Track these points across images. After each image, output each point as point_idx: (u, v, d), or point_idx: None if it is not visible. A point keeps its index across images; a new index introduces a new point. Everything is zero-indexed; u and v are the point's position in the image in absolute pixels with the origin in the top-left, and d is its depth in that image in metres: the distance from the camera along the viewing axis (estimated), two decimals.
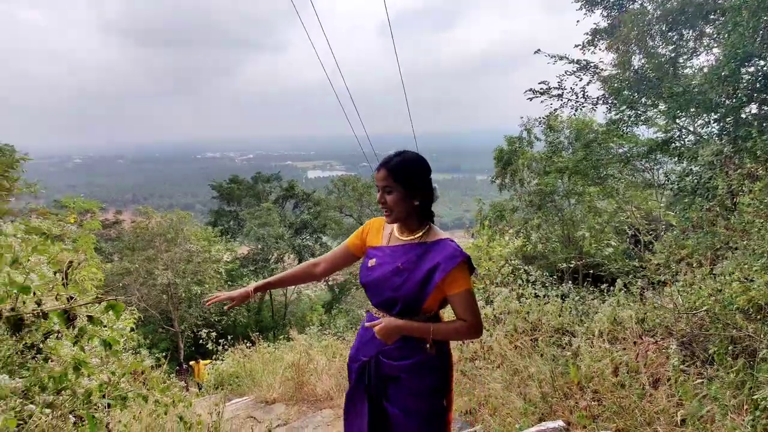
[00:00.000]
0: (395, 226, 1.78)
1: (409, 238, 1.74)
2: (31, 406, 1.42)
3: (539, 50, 8.96)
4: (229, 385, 6.84)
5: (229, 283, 19.25)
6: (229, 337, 7.39)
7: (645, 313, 3.68)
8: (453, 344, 4.35)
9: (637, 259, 8.22)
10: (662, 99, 7.62)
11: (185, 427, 2.65)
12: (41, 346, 1.75)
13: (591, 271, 10.50)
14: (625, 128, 8.48)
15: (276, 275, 2.01)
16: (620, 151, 10.36)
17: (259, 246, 22.32)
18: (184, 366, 13.99)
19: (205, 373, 9.04)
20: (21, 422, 1.41)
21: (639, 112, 8.29)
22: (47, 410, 1.50)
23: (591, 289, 4.90)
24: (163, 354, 4.39)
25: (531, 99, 9.32)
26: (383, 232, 1.82)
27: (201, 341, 7.84)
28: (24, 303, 1.83)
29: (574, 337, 3.65)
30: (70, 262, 2.26)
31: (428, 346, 1.68)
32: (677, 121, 7.74)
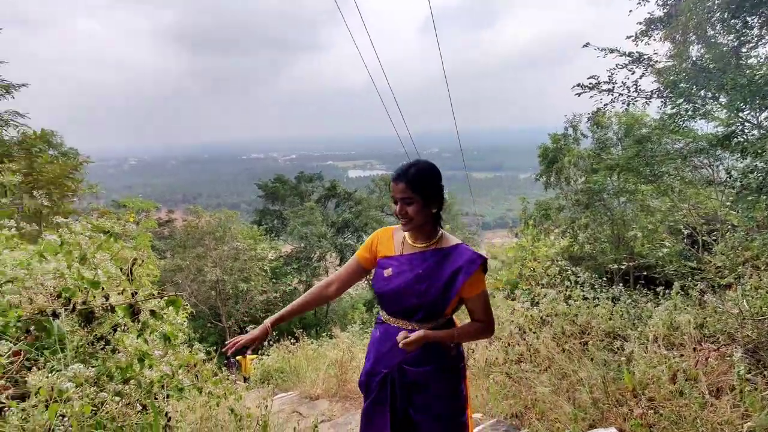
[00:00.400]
0: (407, 234, 1.80)
1: (424, 245, 1.76)
2: (103, 393, 1.54)
3: (588, 44, 8.61)
4: (274, 380, 7.04)
5: (273, 280, 19.80)
6: (274, 333, 7.62)
7: (705, 318, 3.48)
8: (496, 346, 4.29)
9: (694, 261, 7.76)
10: (724, 91, 7.14)
11: (236, 419, 2.75)
12: (109, 337, 1.88)
13: (644, 273, 10.00)
14: (681, 123, 8.01)
15: (288, 306, 1.93)
16: (676, 147, 9.80)
17: (302, 244, 22.80)
18: (232, 360, 14.53)
19: (251, 368, 9.34)
20: (94, 408, 1.53)
21: (697, 105, 7.81)
22: (116, 398, 1.61)
23: (644, 291, 4.68)
24: (213, 348, 4.57)
25: (579, 95, 8.96)
26: (394, 242, 1.83)
27: None
28: (94, 297, 1.97)
29: (627, 341, 3.51)
30: (134, 259, 2.40)
31: (452, 347, 1.74)
32: (740, 114, 7.24)
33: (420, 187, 1.67)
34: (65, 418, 1.42)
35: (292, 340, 7.85)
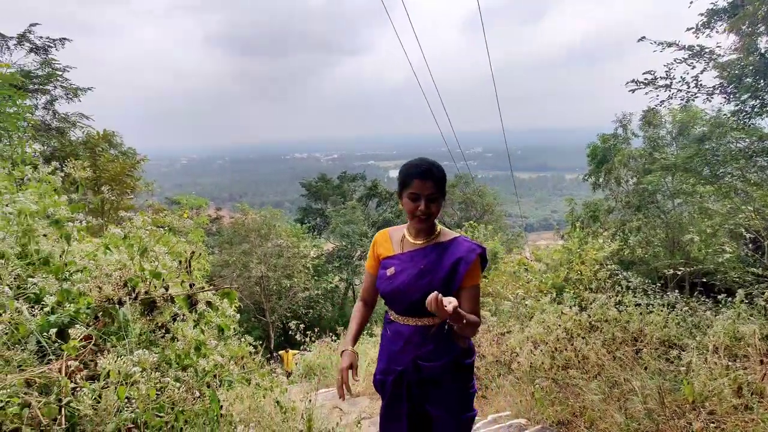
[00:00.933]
0: (405, 232, 1.83)
1: (424, 240, 1.79)
2: (166, 378, 1.63)
3: (644, 38, 8.20)
4: (315, 376, 7.17)
5: (315, 278, 20.16)
6: (315, 329, 7.76)
7: None
8: (541, 351, 4.17)
9: (759, 268, 7.23)
10: None
11: (282, 411, 2.83)
12: (169, 326, 1.99)
13: (702, 280, 9.42)
14: (747, 120, 7.48)
15: (354, 327, 1.95)
16: (740, 145, 9.16)
17: (344, 243, 23.09)
18: (274, 355, 14.93)
19: (293, 363, 9.56)
20: (158, 392, 1.62)
21: (765, 101, 7.28)
22: (177, 384, 1.70)
23: (702, 299, 4.41)
24: (258, 342, 4.71)
25: (633, 91, 8.55)
26: (392, 241, 1.86)
27: (290, 332, 8.30)
28: (155, 288, 2.09)
29: (684, 351, 3.32)
30: (192, 252, 2.52)
31: (464, 340, 1.77)
32: None
33: (442, 186, 1.72)
34: (132, 400, 1.52)
35: (333, 337, 7.97)
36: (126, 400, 1.55)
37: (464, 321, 1.59)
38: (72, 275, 2.36)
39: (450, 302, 1.49)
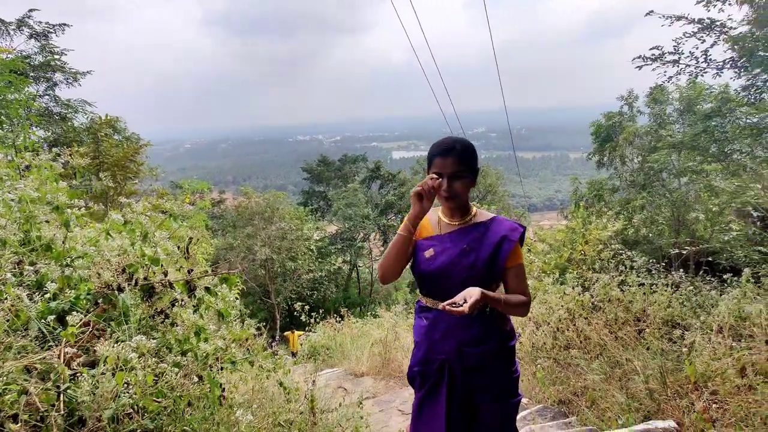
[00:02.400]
0: (440, 213, 1.77)
1: (463, 221, 1.74)
2: (163, 364, 1.63)
3: (651, 11, 7.96)
4: (320, 356, 7.25)
5: (319, 260, 20.28)
6: (320, 311, 7.81)
7: None
8: (543, 331, 4.18)
9: None
10: None
11: (285, 392, 2.86)
12: (168, 312, 1.99)
13: (707, 259, 9.36)
14: (758, 95, 7.30)
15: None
16: (749, 121, 8.96)
17: (347, 225, 23.14)
18: (279, 335, 15.12)
19: (298, 343, 9.67)
20: (156, 378, 1.62)
21: None
22: (175, 369, 1.71)
23: (707, 278, 4.37)
24: (263, 323, 4.75)
25: (640, 68, 8.34)
26: (430, 222, 1.79)
27: (295, 313, 8.34)
28: (154, 273, 2.08)
29: (687, 330, 3.31)
30: (190, 238, 2.51)
31: (506, 322, 1.73)
32: None
33: (468, 162, 1.64)
34: (130, 386, 1.52)
35: (337, 318, 8.03)
36: (125, 385, 1.55)
37: (503, 302, 1.59)
38: (74, 261, 2.36)
39: (467, 297, 1.45)
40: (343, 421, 3.04)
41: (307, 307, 7.12)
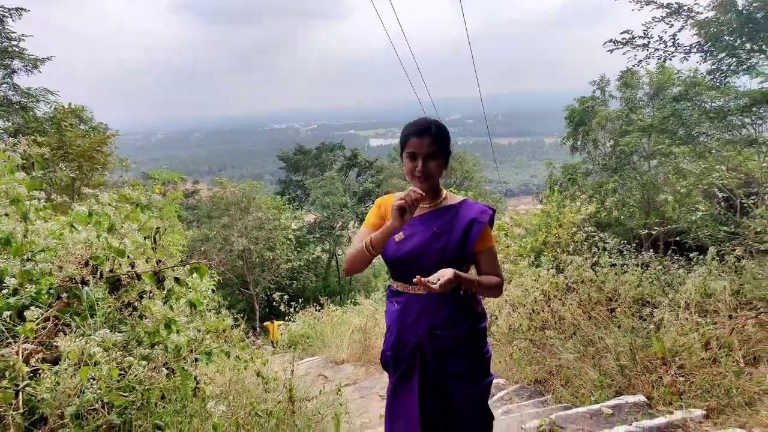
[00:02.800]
0: None
1: (433, 203, 1.74)
2: (130, 358, 1.58)
3: None
4: (300, 345, 7.23)
5: (297, 249, 20.12)
6: (300, 300, 7.76)
7: (742, 285, 3.34)
8: (519, 313, 4.25)
9: (731, 226, 7.44)
10: None
11: (263, 382, 2.83)
12: (136, 304, 1.92)
13: (676, 239, 9.68)
14: (723, 78, 7.50)
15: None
16: (714, 105, 9.23)
17: (325, 214, 23.00)
18: (258, 326, 15.00)
19: (278, 333, 9.62)
20: (122, 372, 1.57)
21: (741, 59, 7.27)
22: (143, 362, 1.65)
23: (675, 258, 4.52)
24: (241, 314, 4.69)
25: (611, 51, 8.44)
26: None
27: (274, 303, 8.27)
28: (120, 266, 2.01)
29: (656, 308, 3.41)
30: (157, 228, 2.43)
31: (477, 304, 1.73)
32: None
33: (442, 144, 1.65)
34: (95, 381, 1.46)
35: (317, 307, 8.00)
36: (90, 381, 1.49)
37: (476, 283, 1.60)
38: (35, 255, 2.26)
39: (440, 277, 1.45)
40: (322, 408, 3.03)
41: (286, 297, 7.06)
